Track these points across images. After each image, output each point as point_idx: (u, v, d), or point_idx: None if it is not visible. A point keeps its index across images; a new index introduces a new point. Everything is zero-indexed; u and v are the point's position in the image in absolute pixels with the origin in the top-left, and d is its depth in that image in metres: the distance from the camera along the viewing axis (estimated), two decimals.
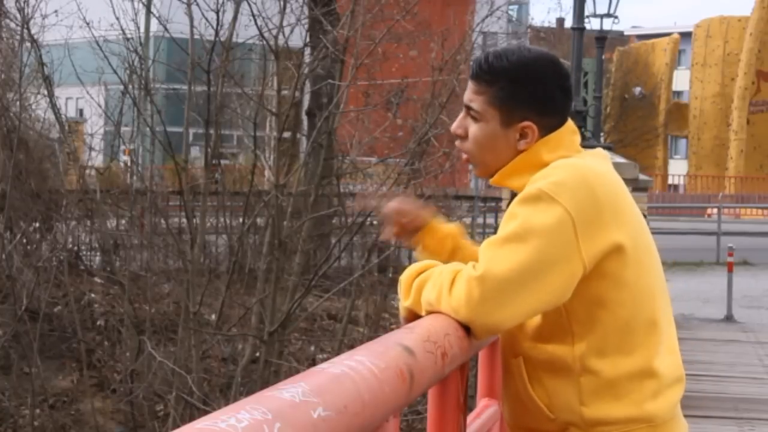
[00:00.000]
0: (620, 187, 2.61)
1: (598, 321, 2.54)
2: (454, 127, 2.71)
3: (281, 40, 10.84)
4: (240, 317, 11.32)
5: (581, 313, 2.55)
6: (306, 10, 12.33)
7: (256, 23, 10.73)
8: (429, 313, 2.53)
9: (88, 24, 12.79)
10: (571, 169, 2.53)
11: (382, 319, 12.82)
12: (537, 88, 2.62)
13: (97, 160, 16.12)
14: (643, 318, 2.57)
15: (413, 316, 2.58)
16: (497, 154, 2.64)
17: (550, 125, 2.63)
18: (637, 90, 46.72)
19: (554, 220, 2.44)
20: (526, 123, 2.61)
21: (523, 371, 2.63)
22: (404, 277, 2.63)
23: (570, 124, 2.69)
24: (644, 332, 2.57)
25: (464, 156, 2.72)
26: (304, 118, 14.90)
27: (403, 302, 2.62)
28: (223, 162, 14.31)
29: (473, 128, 2.65)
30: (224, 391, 10.75)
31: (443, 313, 2.49)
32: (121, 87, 12.63)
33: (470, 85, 2.67)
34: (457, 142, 2.72)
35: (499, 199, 15.30)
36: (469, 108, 2.66)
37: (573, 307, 2.53)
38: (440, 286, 2.50)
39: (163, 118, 11.96)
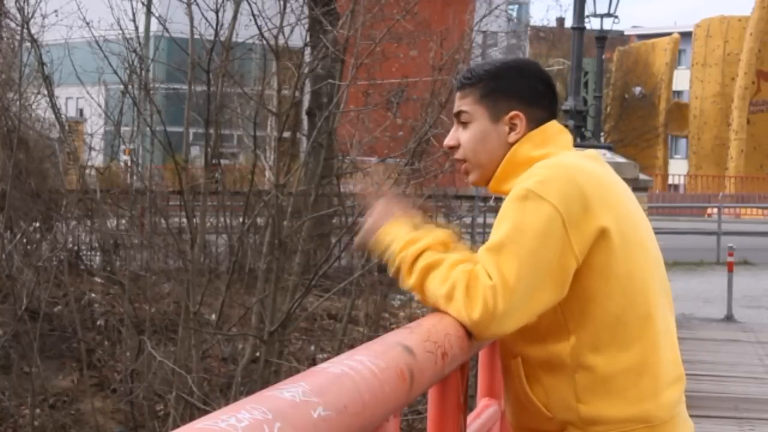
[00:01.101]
0: (610, 183, 2.62)
1: (589, 315, 2.56)
2: (447, 140, 2.76)
3: (281, 40, 10.83)
4: (240, 317, 11.32)
5: (575, 308, 2.56)
6: (306, 9, 12.32)
7: (256, 23, 10.72)
8: (433, 304, 2.54)
9: (87, 24, 12.78)
10: (555, 166, 2.56)
11: (382, 318, 12.82)
12: (519, 79, 2.70)
13: (97, 160, 16.10)
14: (636, 313, 2.57)
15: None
16: (490, 151, 2.67)
17: (537, 117, 2.68)
18: (637, 90, 46.74)
19: (544, 218, 2.47)
20: (514, 113, 2.66)
21: (521, 371, 2.65)
22: (408, 255, 2.57)
23: (556, 123, 2.72)
24: (639, 327, 2.57)
25: (462, 167, 2.75)
26: (304, 117, 14.90)
27: (406, 280, 2.58)
28: (223, 162, 14.29)
29: (465, 133, 2.71)
30: (224, 391, 10.74)
31: (449, 313, 2.49)
32: (121, 87, 12.62)
33: (457, 96, 2.75)
34: (453, 156, 2.77)
35: (499, 199, 15.29)
36: (459, 114, 2.72)
37: (567, 302, 2.54)
38: (452, 285, 2.49)
39: (163, 118, 11.94)
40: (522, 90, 2.67)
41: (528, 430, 2.70)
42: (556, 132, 2.69)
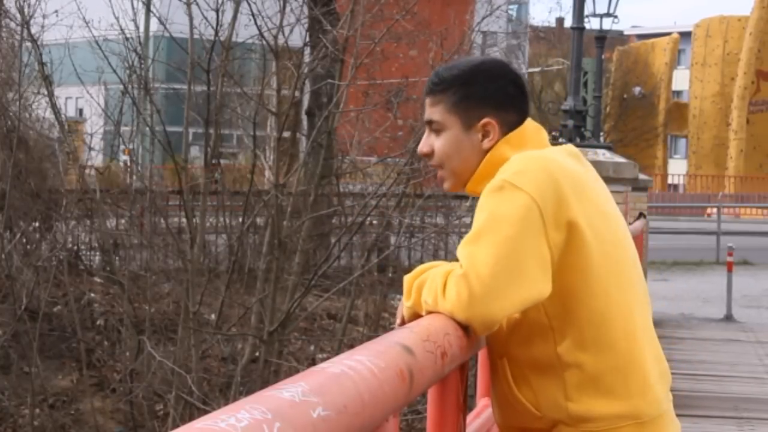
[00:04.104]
0: (585, 179, 2.64)
1: (573, 314, 2.57)
2: (421, 146, 2.76)
3: (281, 40, 10.83)
4: (240, 317, 11.32)
5: (557, 307, 2.57)
6: (306, 9, 12.32)
7: (255, 23, 10.72)
8: (429, 314, 2.56)
9: (87, 24, 12.78)
10: (529, 159, 2.58)
11: (381, 318, 12.82)
12: (488, 84, 2.69)
13: (97, 159, 16.11)
14: (619, 310, 2.59)
15: (415, 316, 2.60)
16: (464, 159, 2.69)
17: (509, 121, 2.68)
18: (637, 90, 46.75)
19: (520, 206, 2.48)
20: (486, 120, 2.66)
21: (507, 372, 2.66)
22: (407, 278, 2.66)
23: (531, 121, 2.73)
24: (622, 324, 2.59)
25: (438, 174, 2.76)
26: (304, 117, 14.90)
27: (405, 302, 2.64)
28: (222, 162, 14.30)
29: (438, 141, 2.71)
30: (224, 391, 10.74)
31: (442, 314, 2.51)
32: (121, 87, 12.62)
33: (427, 102, 2.74)
34: (429, 162, 2.78)
35: None
36: (430, 122, 2.72)
37: (549, 301, 2.55)
38: (435, 289, 2.53)
39: (163, 117, 11.95)
40: (493, 95, 2.67)
41: (517, 429, 2.70)
42: (532, 132, 2.71)
